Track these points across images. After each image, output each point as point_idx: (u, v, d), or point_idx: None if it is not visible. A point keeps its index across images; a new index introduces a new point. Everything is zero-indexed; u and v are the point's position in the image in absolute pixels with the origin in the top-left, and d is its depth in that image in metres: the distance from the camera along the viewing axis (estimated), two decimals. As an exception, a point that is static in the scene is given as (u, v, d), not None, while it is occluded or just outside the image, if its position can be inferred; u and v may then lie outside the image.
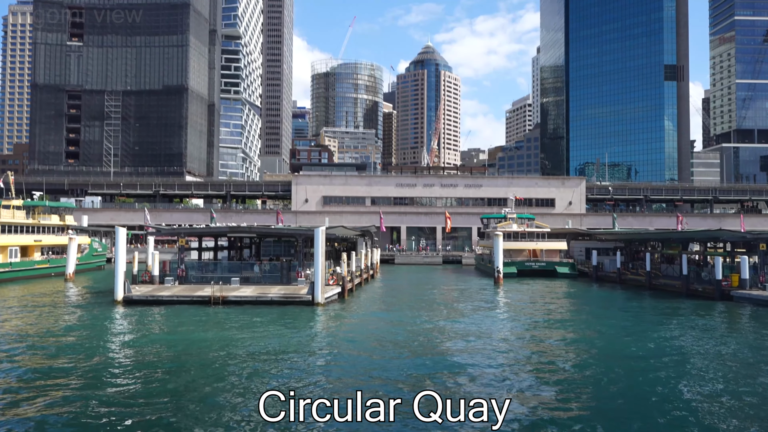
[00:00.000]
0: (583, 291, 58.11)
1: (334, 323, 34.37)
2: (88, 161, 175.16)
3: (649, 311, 42.58)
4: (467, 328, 33.66)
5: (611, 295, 53.84)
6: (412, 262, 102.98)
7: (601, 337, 31.72)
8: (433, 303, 45.57)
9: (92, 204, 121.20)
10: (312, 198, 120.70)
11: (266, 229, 46.66)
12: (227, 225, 50.78)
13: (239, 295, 38.37)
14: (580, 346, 29.07)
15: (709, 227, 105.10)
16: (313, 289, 38.13)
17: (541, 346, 29.13)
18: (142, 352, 26.27)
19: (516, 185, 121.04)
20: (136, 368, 23.30)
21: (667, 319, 37.88)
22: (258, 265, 45.20)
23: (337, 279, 44.49)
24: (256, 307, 37.50)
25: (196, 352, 26.27)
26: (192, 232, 46.21)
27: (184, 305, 37.97)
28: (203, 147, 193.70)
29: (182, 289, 40.52)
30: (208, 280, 43.27)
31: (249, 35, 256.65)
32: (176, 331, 31.19)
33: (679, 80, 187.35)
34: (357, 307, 41.09)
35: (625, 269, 62.22)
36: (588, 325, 35.86)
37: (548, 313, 41.39)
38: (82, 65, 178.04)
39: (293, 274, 43.67)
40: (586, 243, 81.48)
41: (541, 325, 35.76)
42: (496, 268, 59.79)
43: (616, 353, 27.51)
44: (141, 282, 44.04)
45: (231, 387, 20.55)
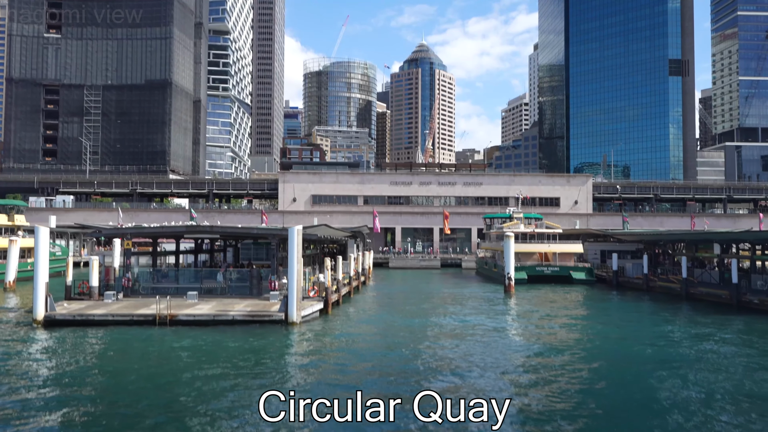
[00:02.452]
0: (610, 301, 50.24)
1: (309, 354, 26.27)
2: (67, 159, 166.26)
3: (700, 332, 34.69)
4: (484, 359, 25.66)
5: (645, 309, 46.01)
6: (408, 266, 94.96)
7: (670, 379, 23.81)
8: (436, 320, 37.57)
9: (63, 203, 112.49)
10: (300, 197, 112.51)
11: (231, 229, 38.36)
12: (184, 224, 42.61)
13: (193, 314, 30.17)
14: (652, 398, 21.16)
15: (723, 227, 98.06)
16: (287, 305, 30.05)
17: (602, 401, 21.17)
18: (27, 403, 18.16)
19: (518, 183, 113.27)
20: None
21: (731, 345, 30.04)
22: (221, 274, 37.04)
23: (320, 290, 36.39)
24: (213, 329, 29.34)
25: (101, 410, 18.17)
26: (140, 232, 38.02)
27: (121, 327, 29.76)
28: (188, 145, 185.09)
29: (122, 306, 32.28)
30: (163, 292, 35.12)
31: (238, 31, 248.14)
32: (88, 368, 23.05)
33: (685, 75, 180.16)
34: (343, 327, 33.01)
35: (652, 275, 54.38)
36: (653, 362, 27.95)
37: (586, 336, 33.47)
38: (60, 58, 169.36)
39: (266, 284, 35.56)
40: (601, 245, 73.73)
41: (582, 358, 27.83)
42: (507, 275, 51.79)
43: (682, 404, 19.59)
44: (77, 296, 35.78)
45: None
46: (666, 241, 56.42)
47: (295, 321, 30.08)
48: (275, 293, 34.12)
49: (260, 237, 39.92)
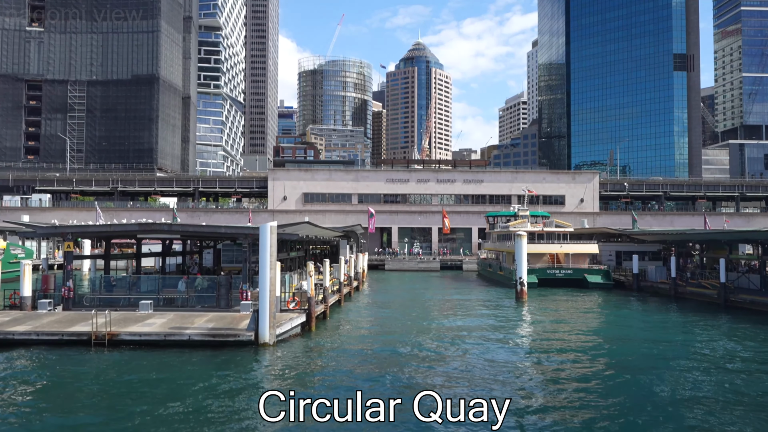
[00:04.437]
0: (629, 308, 44.32)
1: (280, 394, 20.15)
2: (50, 157, 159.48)
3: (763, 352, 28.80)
4: (508, 392, 19.68)
5: (681, 321, 40.11)
6: (406, 269, 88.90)
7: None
8: (441, 339, 31.57)
9: (40, 202, 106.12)
10: (291, 195, 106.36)
11: (193, 228, 31.87)
12: (138, 222, 36.35)
13: (139, 332, 24.00)
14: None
15: (737, 227, 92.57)
16: (257, 321, 23.96)
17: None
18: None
19: (521, 181, 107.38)
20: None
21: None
22: (184, 281, 30.86)
23: (301, 300, 30.28)
24: (162, 353, 23.18)
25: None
26: (83, 231, 31.76)
27: (49, 348, 23.65)
28: (177, 143, 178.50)
29: (54, 321, 26.08)
30: (114, 303, 29.02)
31: (230, 27, 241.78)
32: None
33: (690, 70, 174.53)
34: (328, 349, 26.78)
35: (680, 279, 48.44)
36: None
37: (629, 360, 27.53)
38: (43, 53, 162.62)
39: (237, 293, 29.46)
40: (615, 245, 67.84)
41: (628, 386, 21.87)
42: (519, 279, 45.76)
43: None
44: (8, 307, 29.57)
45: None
46: (696, 241, 50.46)
47: (268, 341, 23.94)
48: (247, 304, 27.99)
49: (228, 237, 33.67)
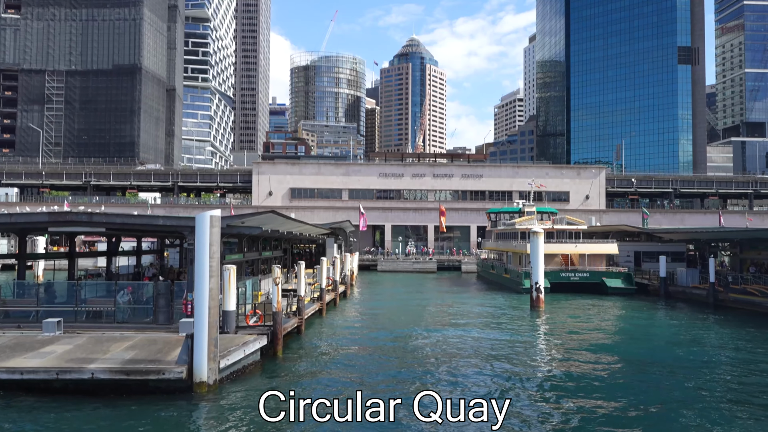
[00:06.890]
0: (691, 326, 37.46)
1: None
2: (26, 151, 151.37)
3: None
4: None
5: (746, 339, 33.31)
6: (400, 269, 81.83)
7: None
8: (446, 368, 24.58)
9: (6, 196, 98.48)
10: (277, 190, 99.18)
11: (121, 219, 24.37)
12: (46, 212, 28.81)
13: (21, 368, 16.81)
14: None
15: (756, 225, 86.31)
16: (191, 351, 16.86)
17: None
18: None
19: (523, 175, 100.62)
20: None
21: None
22: (127, 293, 23.67)
23: (264, 315, 23.15)
24: (51, 403, 16.11)
25: None
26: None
27: None
28: (161, 136, 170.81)
29: None
30: (18, 317, 21.86)
31: (219, 19, 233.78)
32: None
33: (694, 64, 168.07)
34: (296, 386, 19.76)
35: (719, 285, 41.60)
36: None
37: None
38: (19, 41, 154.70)
39: (179, 305, 22.35)
40: (632, 245, 61.03)
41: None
42: (535, 285, 38.81)
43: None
44: None
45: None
46: (737, 240, 43.55)
47: (206, 380, 16.79)
48: (188, 322, 20.83)
49: (165, 231, 26.42)
